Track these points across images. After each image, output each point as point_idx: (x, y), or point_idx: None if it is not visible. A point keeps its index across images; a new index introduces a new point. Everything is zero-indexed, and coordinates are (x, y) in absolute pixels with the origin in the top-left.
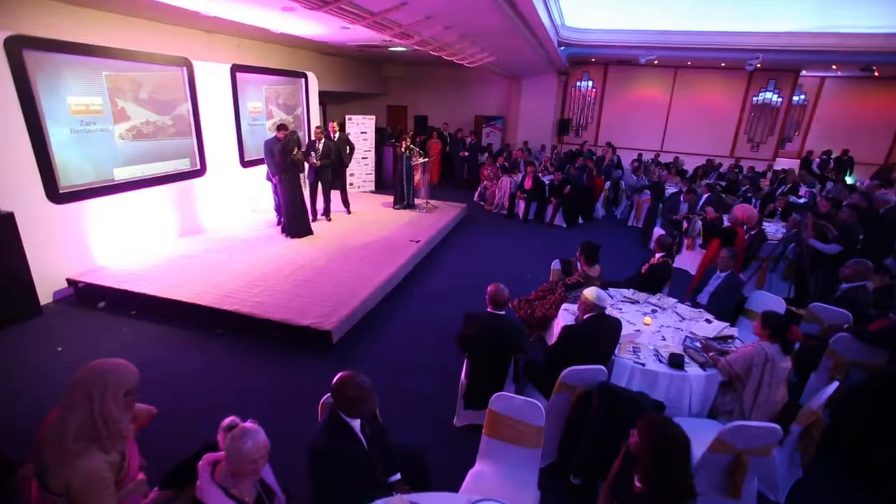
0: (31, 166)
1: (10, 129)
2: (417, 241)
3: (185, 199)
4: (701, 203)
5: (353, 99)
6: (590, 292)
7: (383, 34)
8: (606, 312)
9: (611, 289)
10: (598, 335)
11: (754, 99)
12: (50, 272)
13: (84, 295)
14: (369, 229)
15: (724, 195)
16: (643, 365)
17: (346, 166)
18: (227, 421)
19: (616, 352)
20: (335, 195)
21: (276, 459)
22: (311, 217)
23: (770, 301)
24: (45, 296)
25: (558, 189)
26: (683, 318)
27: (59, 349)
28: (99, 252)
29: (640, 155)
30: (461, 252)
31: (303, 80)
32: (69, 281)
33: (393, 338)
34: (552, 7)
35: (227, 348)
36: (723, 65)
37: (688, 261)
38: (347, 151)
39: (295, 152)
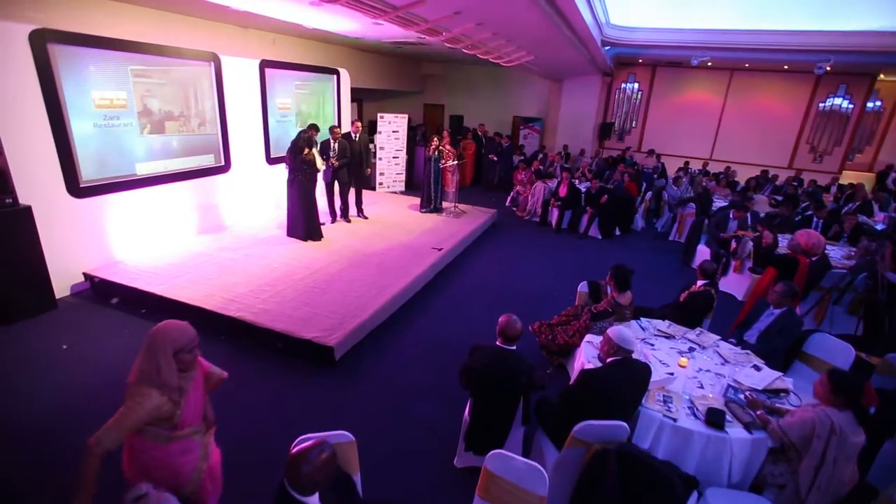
0: (53, 160)
1: (32, 124)
2: (440, 249)
3: (207, 195)
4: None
5: (391, 96)
6: (615, 333)
7: (409, 30)
8: (634, 356)
9: (643, 319)
10: (622, 384)
11: (820, 105)
12: (68, 266)
13: (99, 290)
14: (391, 234)
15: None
16: (674, 420)
17: (367, 168)
18: (132, 493)
19: (643, 400)
20: (352, 198)
21: (262, 483)
22: (329, 219)
23: (835, 348)
24: (62, 289)
25: (595, 198)
26: (726, 361)
27: (64, 347)
28: (118, 247)
29: (686, 163)
30: (486, 262)
31: (335, 76)
32: (86, 275)
33: (402, 355)
34: (595, 4)
35: (229, 356)
36: (786, 67)
37: (734, 285)
38: (368, 153)
39: (306, 152)
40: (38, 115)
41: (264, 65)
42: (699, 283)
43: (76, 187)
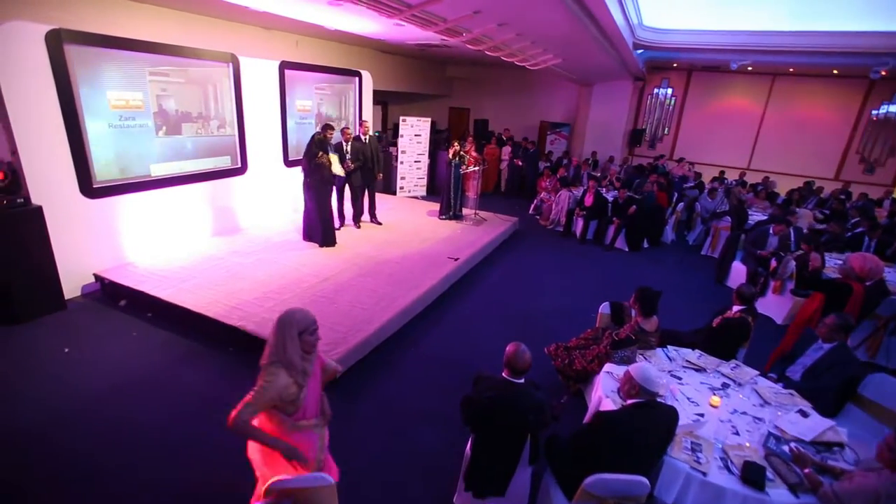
0: (67, 161)
1: (47, 124)
2: (456, 259)
3: (222, 197)
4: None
5: (416, 99)
6: (639, 372)
7: (429, 30)
8: (659, 399)
9: (670, 347)
10: (644, 432)
11: (874, 112)
12: (80, 266)
13: (109, 291)
14: (406, 241)
15: (825, 228)
16: (704, 474)
17: (378, 172)
18: None
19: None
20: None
21: None
22: (338, 223)
23: None
24: (73, 289)
25: (622, 208)
26: (766, 403)
27: (66, 350)
28: (130, 248)
29: (721, 173)
30: (504, 273)
31: (357, 78)
32: (96, 276)
33: (406, 375)
34: (627, 4)
35: (227, 367)
36: (835, 72)
37: (773, 307)
38: (378, 156)
39: (319, 156)
40: (53, 115)
41: (284, 66)
42: (735, 308)
43: (89, 188)
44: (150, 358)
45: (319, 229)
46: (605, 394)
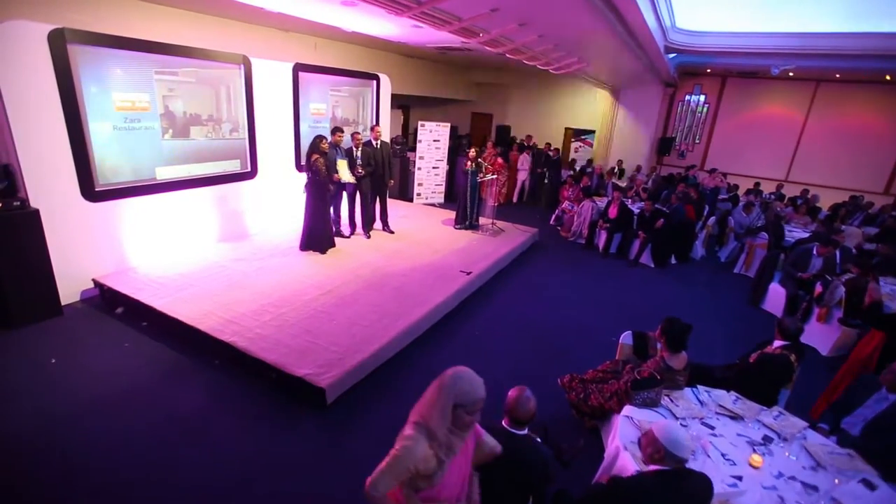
0: (68, 163)
1: (48, 126)
2: (468, 273)
3: (231, 202)
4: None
5: (439, 104)
6: (664, 432)
7: (443, 30)
8: (688, 465)
9: (700, 388)
10: None
11: None
12: (79, 271)
13: (108, 297)
14: (417, 252)
15: (877, 249)
16: None
17: (390, 179)
18: None
19: None
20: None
21: None
22: (349, 231)
23: None
24: (71, 295)
25: (649, 222)
26: (820, 466)
27: (53, 361)
28: (133, 253)
29: (756, 184)
30: (520, 288)
31: (374, 81)
32: (95, 282)
33: (406, 402)
34: (660, 4)
35: (218, 385)
36: (888, 77)
37: (817, 336)
38: (390, 162)
39: (314, 159)
40: (54, 117)
41: (298, 68)
42: (776, 343)
43: (91, 191)
44: (137, 373)
45: (305, 234)
46: (623, 444)
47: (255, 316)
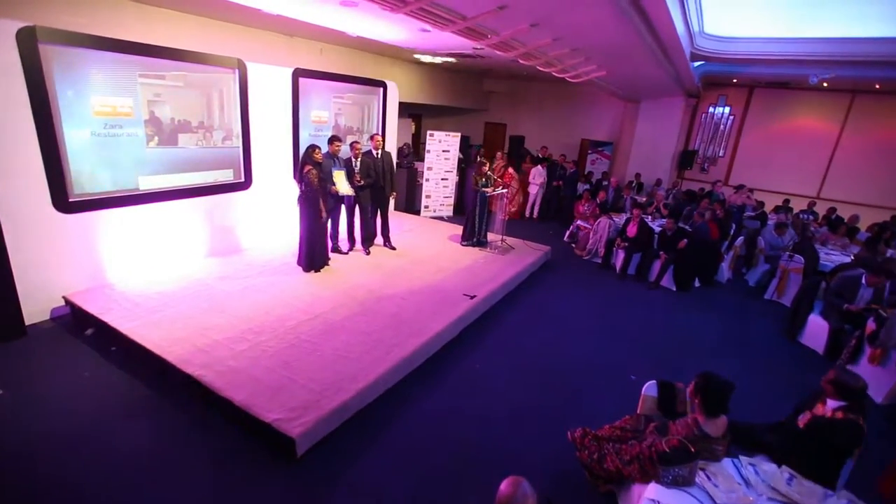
0: (38, 172)
1: (15, 131)
2: (472, 297)
3: (222, 214)
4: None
5: (451, 113)
6: None
7: (446, 29)
8: None
9: (743, 459)
10: None
11: None
12: (49, 287)
13: (79, 316)
14: (418, 272)
15: None
16: None
17: (391, 191)
18: None
19: None
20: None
21: None
22: (347, 247)
23: None
24: (40, 313)
25: (671, 241)
26: None
27: (1, 392)
28: (111, 269)
29: (786, 201)
30: (528, 312)
31: (381, 89)
32: (65, 299)
33: (392, 451)
34: (689, 7)
35: (178, 424)
36: None
37: (869, 379)
38: (392, 174)
39: (306, 170)
40: (23, 121)
41: (298, 73)
42: (831, 403)
43: (64, 201)
44: (89, 408)
45: (304, 252)
46: None
47: (231, 344)
